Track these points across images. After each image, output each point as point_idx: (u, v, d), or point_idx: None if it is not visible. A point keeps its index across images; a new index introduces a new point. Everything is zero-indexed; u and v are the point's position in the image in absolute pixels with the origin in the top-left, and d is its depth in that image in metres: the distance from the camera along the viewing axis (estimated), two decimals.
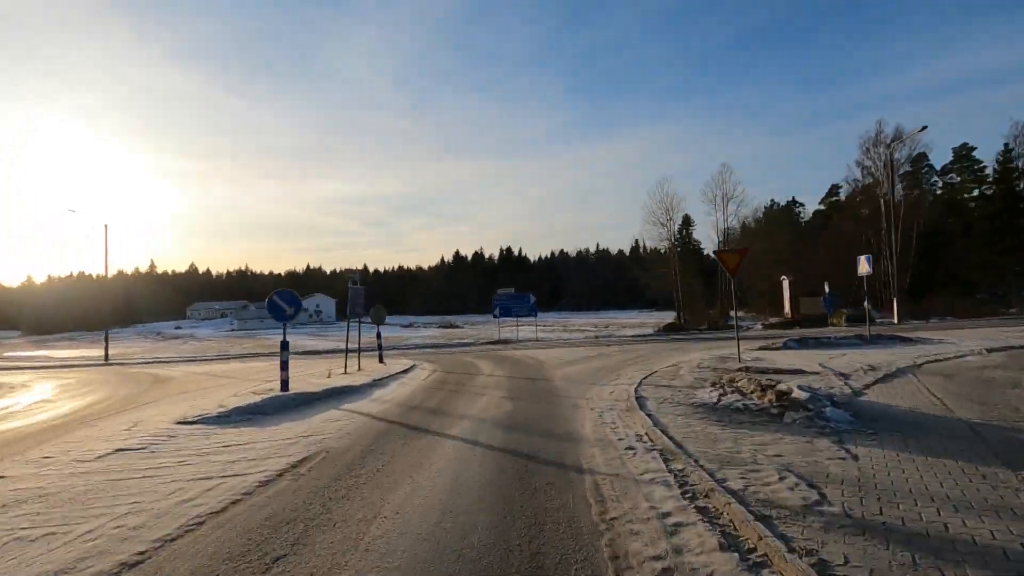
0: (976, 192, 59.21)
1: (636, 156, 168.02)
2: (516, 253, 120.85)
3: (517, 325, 34.71)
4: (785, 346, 16.59)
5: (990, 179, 59.03)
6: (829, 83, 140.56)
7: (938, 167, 58.97)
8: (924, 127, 26.62)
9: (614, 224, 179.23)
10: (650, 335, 32.23)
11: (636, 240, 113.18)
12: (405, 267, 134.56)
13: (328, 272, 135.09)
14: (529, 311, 31.64)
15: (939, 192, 57.49)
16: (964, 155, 59.12)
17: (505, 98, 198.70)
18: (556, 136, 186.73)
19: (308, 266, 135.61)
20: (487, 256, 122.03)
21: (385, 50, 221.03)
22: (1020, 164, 36.41)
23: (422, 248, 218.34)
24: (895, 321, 29.61)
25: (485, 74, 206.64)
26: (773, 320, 41.17)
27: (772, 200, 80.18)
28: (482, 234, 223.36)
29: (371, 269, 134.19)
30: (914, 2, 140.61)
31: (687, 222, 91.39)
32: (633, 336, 30.52)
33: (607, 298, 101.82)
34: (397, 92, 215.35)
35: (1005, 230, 36.37)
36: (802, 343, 16.93)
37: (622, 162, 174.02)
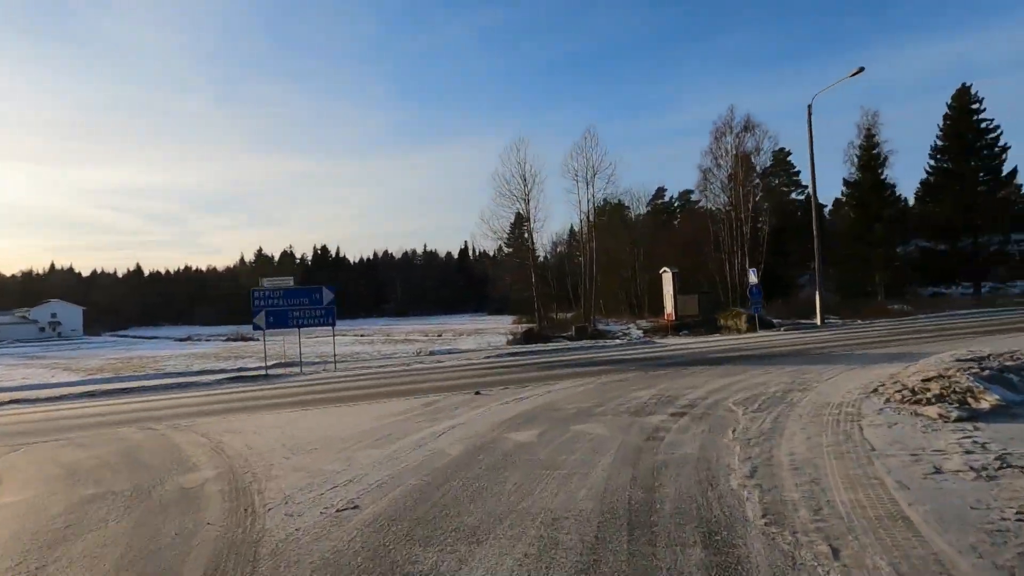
0: (793, 196, 58.85)
1: (466, 164, 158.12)
2: (333, 253, 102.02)
3: (299, 336, 20.29)
4: (1005, 399, 5.58)
5: (805, 184, 59.25)
6: (643, 110, 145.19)
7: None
8: (860, 68, 18.60)
9: (443, 228, 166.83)
10: (513, 352, 20.32)
11: (466, 242, 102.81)
12: (195, 268, 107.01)
13: (86, 274, 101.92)
14: (322, 317, 17.70)
15: (760, 195, 55.67)
16: (782, 159, 58.42)
17: (327, 94, 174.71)
18: (383, 139, 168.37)
19: (53, 265, 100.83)
20: (299, 256, 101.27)
21: (182, 21, 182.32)
22: (881, 151, 32.41)
23: (224, 250, 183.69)
24: (818, 323, 21.73)
25: (304, 66, 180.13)
26: (644, 324, 32.34)
27: (605, 200, 75.17)
28: (296, 237, 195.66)
29: (147, 271, 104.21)
30: (701, 57, 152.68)
31: (519, 221, 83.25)
32: (495, 357, 18.22)
33: (436, 302, 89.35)
34: (198, 72, 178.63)
35: (873, 220, 31.79)
36: (1013, 386, 6.14)
37: (452, 169, 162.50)
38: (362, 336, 52.06)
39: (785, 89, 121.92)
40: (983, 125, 34.15)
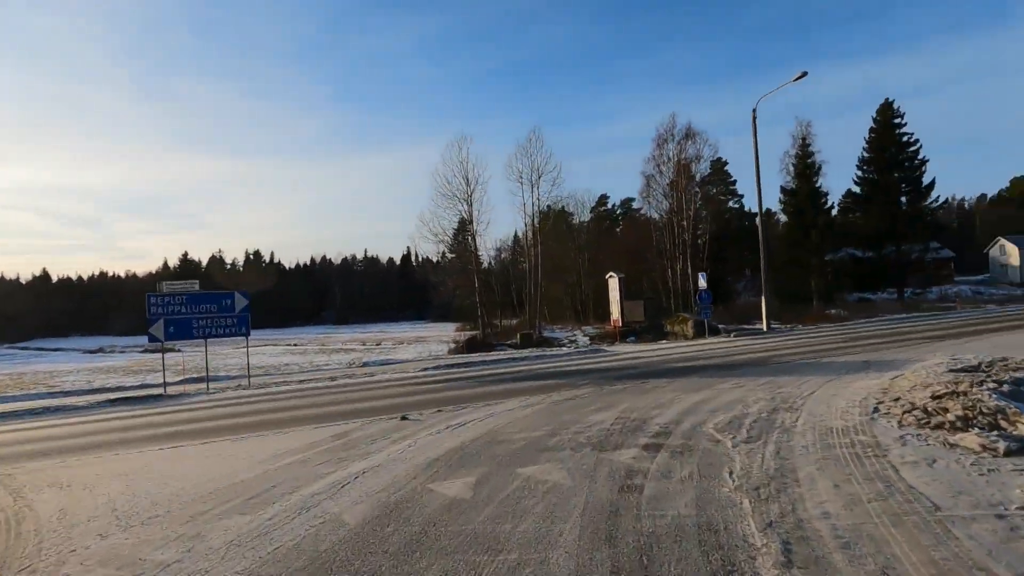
0: (730, 204, 60.22)
1: (408, 170, 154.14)
2: (268, 259, 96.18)
3: (206, 348, 17.73)
4: None
5: (742, 193, 60.73)
6: (586, 120, 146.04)
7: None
8: (804, 72, 18.37)
9: (385, 234, 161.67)
10: (454, 363, 18.67)
11: (408, 248, 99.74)
12: (112, 274, 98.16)
13: None
14: (234, 326, 15.35)
15: (700, 203, 56.58)
16: (719, 168, 59.74)
17: (261, 94, 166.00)
18: (323, 142, 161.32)
19: None
20: (229, 262, 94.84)
21: (98, 10, 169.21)
22: (816, 160, 33.07)
23: (147, 256, 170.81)
24: (764, 328, 21.30)
25: (236, 64, 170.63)
26: (590, 330, 31.41)
27: (549, 206, 75.01)
28: (226, 241, 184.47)
29: (56, 277, 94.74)
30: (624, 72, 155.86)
31: (463, 225, 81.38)
32: (432, 370, 16.46)
33: (377, 309, 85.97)
34: (117, 65, 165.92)
35: (809, 227, 32.29)
36: None
37: (393, 174, 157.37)
38: (295, 346, 48.78)
39: (721, 105, 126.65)
40: (904, 139, 35.60)
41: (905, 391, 6.26)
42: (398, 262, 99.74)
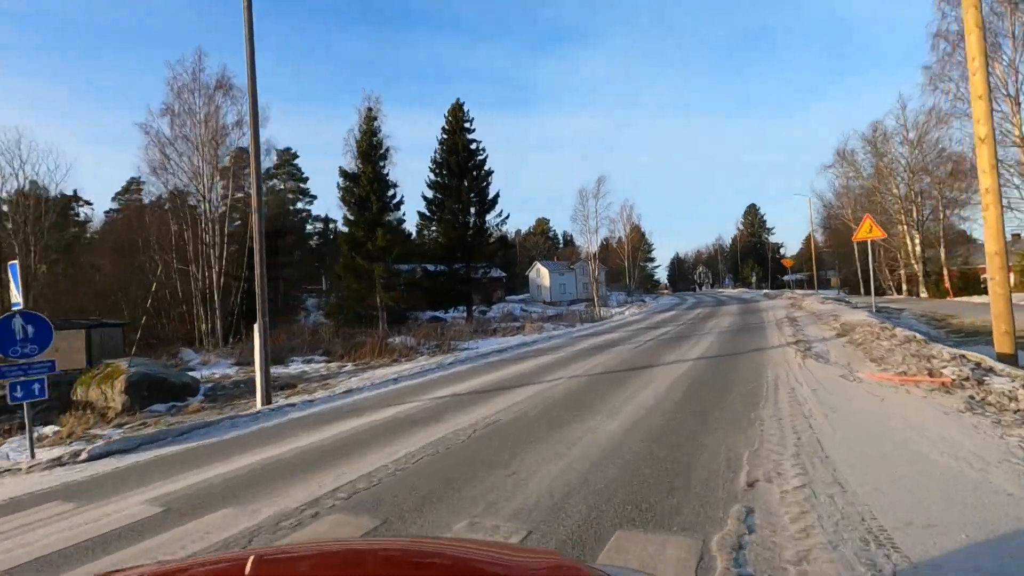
0: (301, 206, 48.92)
1: None
2: None
3: None
4: None
5: (312, 192, 50.20)
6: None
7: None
8: None
9: None
10: None
11: None
12: None
13: None
14: None
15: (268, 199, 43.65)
16: (288, 160, 47.91)
17: None
18: None
19: None
20: None
21: None
22: (384, 142, 25.09)
23: None
24: (259, 405, 10.11)
25: None
26: None
27: (59, 191, 47.21)
28: None
29: None
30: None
31: None
32: None
33: None
34: None
35: (374, 224, 23.76)
36: None
37: None
38: None
39: (308, 125, 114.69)
40: (473, 146, 32.05)
41: None
42: None
